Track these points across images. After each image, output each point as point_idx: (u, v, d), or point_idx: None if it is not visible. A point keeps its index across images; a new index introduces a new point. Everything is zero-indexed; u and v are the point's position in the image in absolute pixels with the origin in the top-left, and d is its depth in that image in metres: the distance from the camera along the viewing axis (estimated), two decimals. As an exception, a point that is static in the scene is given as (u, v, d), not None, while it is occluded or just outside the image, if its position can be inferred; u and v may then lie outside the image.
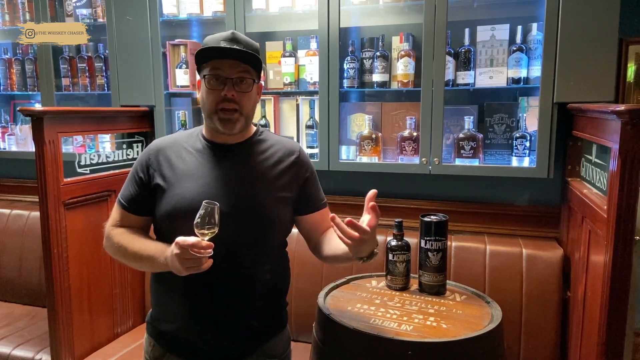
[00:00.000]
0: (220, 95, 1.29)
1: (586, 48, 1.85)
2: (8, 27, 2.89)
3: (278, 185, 1.39)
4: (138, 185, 1.38)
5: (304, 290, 2.25)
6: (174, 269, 1.22)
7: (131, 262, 1.37)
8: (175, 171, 1.35)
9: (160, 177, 1.35)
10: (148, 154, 1.39)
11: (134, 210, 1.39)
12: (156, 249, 1.29)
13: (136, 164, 1.41)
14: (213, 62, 1.29)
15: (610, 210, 1.38)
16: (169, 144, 1.40)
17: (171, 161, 1.36)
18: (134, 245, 1.34)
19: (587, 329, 1.70)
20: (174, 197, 1.32)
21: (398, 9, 2.25)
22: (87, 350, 2.22)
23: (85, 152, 2.38)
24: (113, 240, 1.37)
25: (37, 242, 2.55)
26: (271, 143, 1.44)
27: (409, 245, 1.80)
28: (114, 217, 1.42)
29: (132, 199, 1.39)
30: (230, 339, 1.37)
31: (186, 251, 1.17)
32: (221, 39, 1.30)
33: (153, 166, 1.36)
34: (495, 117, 2.16)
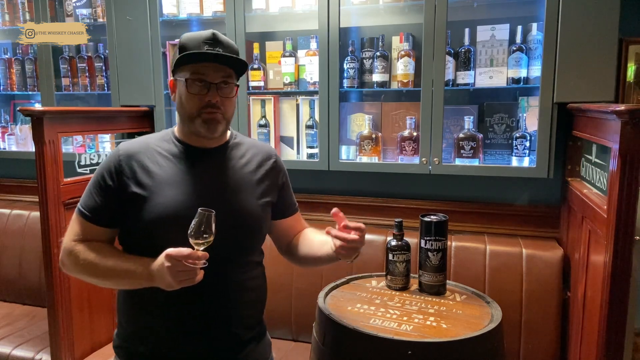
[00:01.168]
0: (204, 100, 1.24)
1: (586, 48, 1.85)
2: (8, 27, 2.89)
3: (260, 190, 1.37)
4: (105, 194, 1.26)
5: (304, 290, 2.25)
6: (164, 283, 1.14)
7: (102, 280, 1.25)
8: (153, 178, 1.25)
9: (136, 184, 1.24)
10: (117, 159, 1.26)
11: (99, 221, 1.26)
12: (136, 263, 1.19)
13: (101, 171, 1.27)
14: (195, 65, 1.24)
15: (610, 210, 1.38)
16: (141, 149, 1.29)
17: (147, 167, 1.26)
18: (106, 261, 1.22)
19: (587, 329, 1.70)
20: (158, 206, 1.22)
21: (398, 9, 2.25)
22: (87, 350, 2.22)
23: (85, 152, 2.38)
24: (78, 257, 1.23)
25: (37, 242, 2.54)
26: (247, 147, 1.41)
27: (409, 245, 1.80)
28: (74, 230, 1.27)
29: (98, 209, 1.26)
30: (216, 350, 1.31)
31: (179, 263, 1.10)
32: (202, 40, 1.23)
33: (125, 173, 1.25)
34: (495, 117, 2.16)
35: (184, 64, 1.25)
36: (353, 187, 2.48)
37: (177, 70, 1.27)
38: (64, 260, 1.29)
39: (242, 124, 2.34)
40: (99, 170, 1.29)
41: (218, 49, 1.24)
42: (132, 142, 1.32)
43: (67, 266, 1.29)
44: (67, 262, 1.28)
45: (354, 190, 2.48)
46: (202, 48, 1.23)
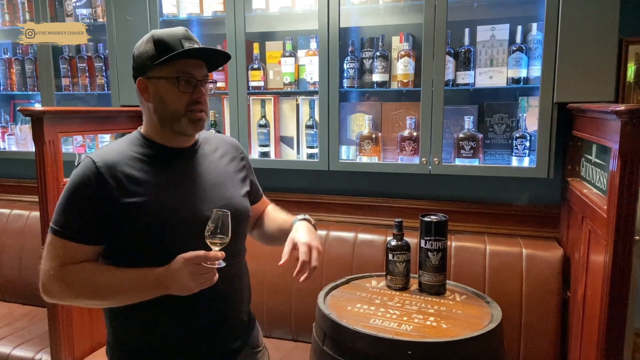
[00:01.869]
0: (192, 97, 1.22)
1: (586, 48, 1.85)
2: (8, 27, 2.89)
3: (239, 180, 1.41)
4: (89, 211, 1.17)
5: (304, 290, 2.25)
6: (182, 289, 1.13)
7: (102, 299, 1.19)
8: (144, 184, 1.20)
9: (127, 195, 1.18)
10: (96, 173, 1.17)
11: (86, 239, 1.18)
12: (143, 274, 1.15)
13: (79, 187, 1.18)
14: (182, 63, 1.21)
15: (610, 210, 1.38)
16: (117, 157, 1.21)
17: (132, 175, 1.20)
18: (106, 278, 1.16)
19: (587, 329, 1.70)
20: (159, 212, 1.19)
21: (398, 9, 2.25)
22: (87, 350, 2.22)
23: (85, 152, 2.38)
24: (70, 281, 1.15)
25: (37, 242, 2.54)
26: (216, 141, 1.43)
27: (408, 245, 1.80)
28: (56, 255, 1.17)
29: (83, 227, 1.17)
30: (229, 338, 1.34)
31: (200, 266, 1.11)
32: (179, 37, 1.21)
33: (110, 186, 1.17)
34: (495, 117, 2.16)
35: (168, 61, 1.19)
36: (353, 187, 2.48)
37: (154, 69, 1.21)
38: (48, 288, 1.18)
39: (242, 124, 2.34)
40: (75, 185, 1.18)
41: (195, 44, 1.23)
42: (104, 153, 1.24)
43: (53, 293, 1.19)
44: (55, 289, 1.18)
45: (354, 190, 2.48)
46: (184, 45, 1.20)
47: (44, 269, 1.18)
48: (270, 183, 1.29)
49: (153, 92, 1.24)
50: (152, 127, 1.29)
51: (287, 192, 2.50)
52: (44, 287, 1.19)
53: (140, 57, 1.24)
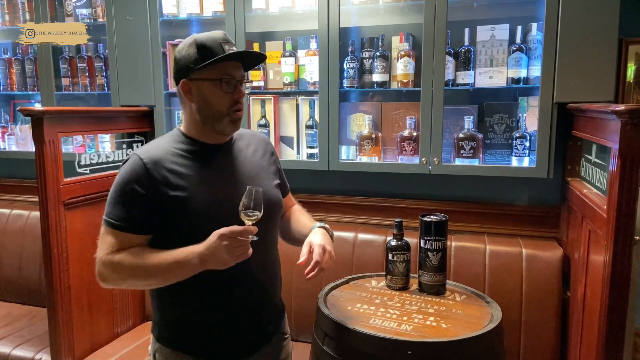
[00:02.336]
0: (233, 97, 1.32)
1: (586, 48, 1.85)
2: (8, 27, 2.89)
3: (271, 173, 1.50)
4: (139, 203, 1.27)
5: (304, 290, 2.25)
6: (219, 262, 1.21)
7: (150, 279, 1.29)
8: (187, 179, 1.30)
9: (173, 188, 1.28)
10: (144, 168, 1.27)
11: (137, 230, 1.29)
12: (183, 252, 1.23)
13: (129, 182, 1.27)
14: (223, 65, 1.29)
15: (610, 210, 1.38)
16: (161, 154, 1.31)
17: (176, 170, 1.30)
18: (152, 260, 1.25)
19: (587, 329, 1.70)
20: (199, 205, 1.29)
21: (398, 9, 2.25)
22: (87, 350, 2.22)
23: (85, 152, 2.38)
24: (123, 264, 1.26)
25: (37, 242, 2.54)
26: (248, 137, 1.52)
27: (408, 245, 1.80)
28: (110, 243, 1.28)
29: (133, 218, 1.28)
30: (264, 323, 1.44)
31: (236, 239, 1.19)
32: (219, 40, 1.30)
33: (157, 180, 1.27)
34: (495, 117, 2.16)
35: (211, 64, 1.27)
36: (353, 187, 2.48)
37: (198, 71, 1.29)
38: (104, 275, 1.29)
39: (242, 123, 2.33)
40: (125, 180, 1.28)
41: (233, 47, 1.31)
42: (150, 149, 1.33)
43: (107, 278, 1.29)
44: (109, 275, 1.28)
45: (354, 190, 2.48)
46: (224, 48, 1.29)
47: (98, 257, 1.29)
48: (270, 183, 1.31)
49: (197, 93, 1.32)
50: (193, 126, 1.37)
51: (287, 192, 2.50)
52: (99, 274, 1.29)
53: (184, 60, 1.31)
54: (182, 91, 1.33)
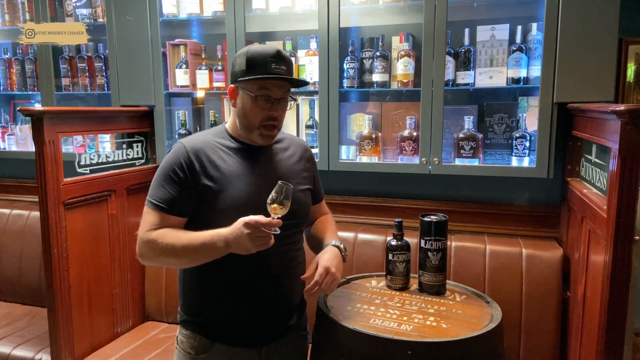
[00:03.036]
0: (267, 114, 1.39)
1: (586, 48, 1.85)
2: (8, 27, 2.89)
3: (303, 179, 1.56)
4: (179, 187, 1.38)
5: (304, 290, 2.25)
6: (241, 248, 1.28)
7: (181, 257, 1.36)
8: (221, 172, 1.39)
9: (207, 178, 1.38)
10: (185, 155, 1.39)
11: (175, 211, 1.39)
12: (210, 235, 1.31)
13: (171, 165, 1.39)
14: (264, 82, 1.36)
15: (610, 210, 1.38)
16: (203, 145, 1.42)
17: (214, 162, 1.40)
18: (182, 240, 1.34)
19: (587, 329, 1.70)
20: (229, 197, 1.38)
21: (398, 9, 2.25)
22: (87, 350, 2.22)
23: (85, 152, 2.38)
24: (157, 242, 1.35)
25: (37, 242, 2.55)
26: (287, 141, 1.59)
27: (408, 245, 1.80)
28: (149, 222, 1.38)
29: (173, 200, 1.38)
30: (278, 317, 1.50)
31: (258, 229, 1.25)
32: (269, 56, 1.36)
33: (196, 168, 1.38)
34: (495, 117, 2.16)
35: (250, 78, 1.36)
36: (353, 187, 2.48)
37: (242, 82, 1.37)
38: (142, 251, 1.39)
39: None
40: (168, 165, 1.39)
41: (282, 66, 1.37)
42: (193, 139, 1.44)
43: (145, 255, 1.39)
44: (146, 251, 1.38)
45: (354, 190, 2.48)
46: (270, 64, 1.35)
47: (139, 235, 1.39)
48: (270, 183, 1.32)
49: (239, 100, 1.42)
50: (235, 126, 1.47)
51: (287, 192, 2.50)
52: (139, 250, 1.40)
53: (234, 67, 1.41)
54: (229, 94, 1.44)
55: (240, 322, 1.46)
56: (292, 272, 1.52)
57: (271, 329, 1.50)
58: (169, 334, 2.38)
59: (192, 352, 1.46)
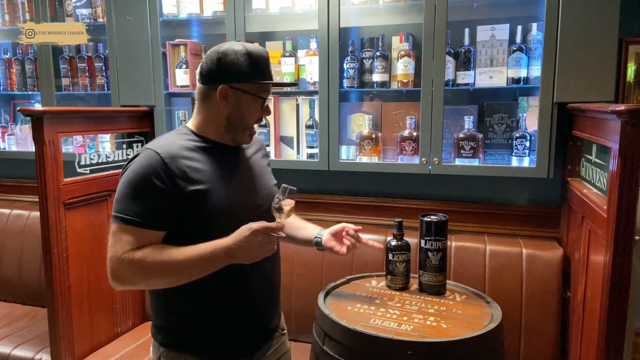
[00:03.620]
0: (263, 114, 1.40)
1: (586, 48, 1.85)
2: (8, 27, 2.89)
3: (269, 173, 1.56)
4: (158, 198, 1.24)
5: (304, 290, 2.25)
6: (248, 257, 1.24)
7: (176, 275, 1.25)
8: (204, 174, 1.30)
9: (193, 183, 1.27)
10: (162, 163, 1.25)
11: (155, 226, 1.25)
12: (210, 247, 1.23)
13: (146, 175, 1.24)
14: (265, 85, 1.36)
15: (610, 210, 1.38)
16: (177, 150, 1.30)
17: (193, 166, 1.29)
18: (176, 256, 1.23)
19: (587, 328, 1.70)
20: (217, 199, 1.30)
21: (398, 9, 2.25)
22: (87, 350, 2.22)
23: (85, 152, 2.38)
24: (145, 262, 1.21)
25: (37, 242, 2.54)
26: None
27: (409, 245, 1.80)
28: (127, 241, 1.22)
29: (152, 214, 1.24)
30: (269, 320, 1.48)
31: (268, 235, 1.23)
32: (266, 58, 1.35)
33: (177, 175, 1.25)
34: (495, 117, 2.16)
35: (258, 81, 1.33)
36: (353, 187, 2.48)
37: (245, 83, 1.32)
38: (123, 274, 1.23)
39: (242, 124, 2.34)
40: (141, 176, 1.24)
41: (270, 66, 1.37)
42: (164, 144, 1.31)
43: (127, 279, 1.24)
44: (129, 275, 1.23)
45: (354, 190, 2.48)
46: (268, 66, 1.36)
47: (113, 257, 1.23)
48: (270, 183, 1.32)
49: (234, 102, 1.33)
50: (212, 127, 1.38)
51: (287, 192, 2.50)
52: (115, 274, 1.24)
53: (232, 67, 1.31)
54: (218, 95, 1.31)
55: (231, 333, 1.38)
56: (277, 271, 1.51)
57: (262, 334, 1.46)
58: (169, 334, 2.38)
59: None
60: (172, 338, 1.37)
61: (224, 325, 1.37)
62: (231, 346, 1.38)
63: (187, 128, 1.40)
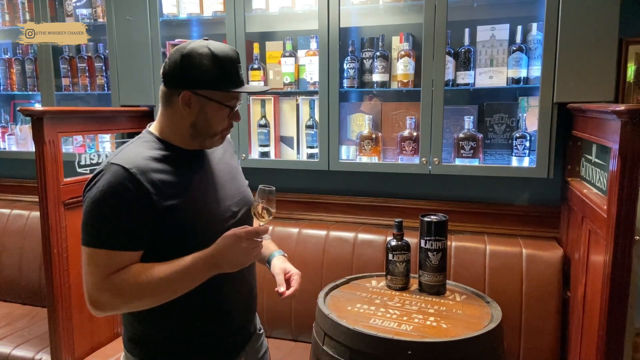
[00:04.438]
0: (232, 121, 1.29)
1: (586, 48, 1.85)
2: (8, 27, 2.89)
3: (241, 173, 1.50)
4: (132, 217, 1.16)
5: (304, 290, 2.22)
6: (234, 264, 1.19)
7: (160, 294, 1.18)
8: (175, 186, 1.22)
9: (165, 198, 1.19)
10: (133, 179, 1.15)
11: (132, 246, 1.17)
12: (191, 260, 1.17)
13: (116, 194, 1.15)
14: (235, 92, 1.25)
15: (610, 210, 1.38)
16: (146, 162, 1.20)
17: (165, 179, 1.21)
18: (157, 274, 1.16)
19: (587, 329, 1.70)
20: (195, 211, 1.24)
21: (398, 9, 2.25)
22: (87, 350, 2.22)
23: (85, 152, 2.38)
24: (125, 285, 1.14)
25: (37, 242, 2.55)
26: None
27: (408, 245, 1.80)
28: (103, 267, 1.15)
29: (125, 234, 1.16)
30: (249, 322, 1.45)
31: (252, 241, 1.18)
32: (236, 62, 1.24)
33: (150, 191, 1.16)
34: (495, 117, 2.16)
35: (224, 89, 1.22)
36: (353, 187, 2.48)
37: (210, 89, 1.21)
38: (102, 301, 1.16)
39: (242, 123, 2.34)
40: (110, 195, 1.15)
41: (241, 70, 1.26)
42: (130, 157, 1.20)
43: (108, 305, 1.17)
44: (108, 300, 1.16)
45: (354, 190, 2.48)
46: (238, 70, 1.24)
47: (90, 283, 1.16)
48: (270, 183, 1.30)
49: (198, 109, 1.23)
50: (177, 134, 1.28)
51: (287, 192, 2.50)
52: (93, 301, 1.16)
53: (196, 72, 1.19)
54: (180, 101, 1.21)
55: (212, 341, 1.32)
56: (254, 274, 1.46)
57: (243, 338, 1.42)
58: (169, 334, 2.38)
59: None
60: (151, 351, 1.30)
61: (200, 335, 1.30)
62: (211, 353, 1.33)
63: (150, 134, 1.30)
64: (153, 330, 1.29)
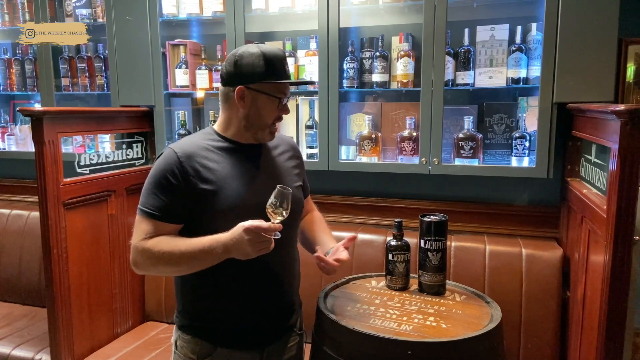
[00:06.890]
0: (281, 113, 1.44)
1: (586, 48, 1.85)
2: (8, 27, 2.89)
3: (294, 176, 1.57)
4: (172, 194, 1.35)
5: (304, 290, 2.23)
6: (241, 254, 1.27)
7: (178, 265, 1.34)
8: (216, 174, 1.37)
9: (203, 182, 1.35)
10: (178, 162, 1.35)
11: (169, 219, 1.36)
12: (208, 241, 1.30)
13: (163, 172, 1.35)
14: (283, 85, 1.40)
15: (610, 210, 1.38)
16: (195, 149, 1.39)
17: (207, 165, 1.37)
18: (179, 247, 1.32)
19: (586, 329, 1.70)
20: (226, 199, 1.36)
21: (398, 9, 2.25)
22: (87, 350, 2.22)
23: (85, 152, 2.38)
24: (153, 251, 1.32)
25: (37, 242, 2.55)
26: (278, 139, 1.58)
27: (408, 245, 1.80)
28: (143, 230, 1.35)
29: (166, 208, 1.35)
30: (279, 317, 1.51)
31: (259, 235, 1.25)
32: (282, 58, 1.39)
33: (190, 173, 1.35)
34: (495, 117, 2.16)
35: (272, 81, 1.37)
36: (353, 187, 2.48)
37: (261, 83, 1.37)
38: (136, 260, 1.36)
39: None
40: (159, 172, 1.36)
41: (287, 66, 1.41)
42: (183, 143, 1.41)
43: (140, 265, 1.37)
44: (141, 261, 1.36)
45: (353, 190, 2.48)
46: (285, 66, 1.40)
47: (133, 244, 1.36)
48: (270, 183, 1.32)
49: (250, 102, 1.39)
50: (234, 128, 1.44)
51: (287, 192, 2.50)
52: (132, 259, 1.37)
53: (248, 68, 1.36)
54: (236, 96, 1.37)
55: (242, 325, 1.44)
56: (291, 270, 1.53)
57: (272, 330, 1.50)
58: (168, 334, 2.38)
59: (193, 356, 1.44)
60: (185, 322, 1.46)
61: (227, 318, 1.43)
62: (238, 338, 1.44)
63: (212, 129, 1.48)
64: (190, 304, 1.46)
